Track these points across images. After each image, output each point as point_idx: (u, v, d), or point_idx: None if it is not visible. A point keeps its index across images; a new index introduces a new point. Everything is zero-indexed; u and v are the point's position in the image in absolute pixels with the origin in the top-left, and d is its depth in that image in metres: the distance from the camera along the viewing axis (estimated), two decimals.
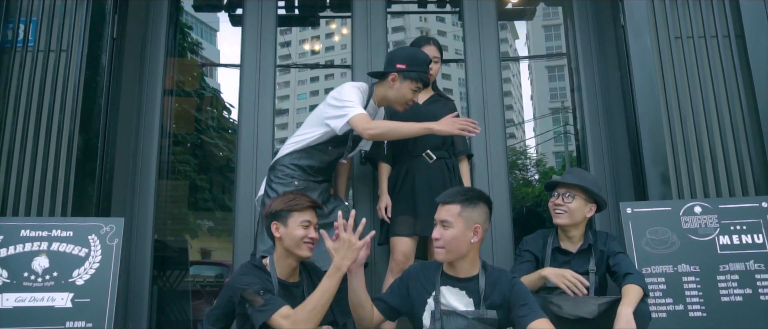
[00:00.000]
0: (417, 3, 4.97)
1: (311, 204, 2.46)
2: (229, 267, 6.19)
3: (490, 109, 3.54)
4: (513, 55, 6.75)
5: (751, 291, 2.60)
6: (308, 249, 2.41)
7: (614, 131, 3.29)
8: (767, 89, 2.91)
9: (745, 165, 2.90)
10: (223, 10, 4.88)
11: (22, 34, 3.08)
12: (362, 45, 3.66)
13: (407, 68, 2.81)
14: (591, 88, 3.46)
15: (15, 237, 2.63)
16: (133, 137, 3.33)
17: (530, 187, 8.31)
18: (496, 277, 2.32)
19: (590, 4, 3.57)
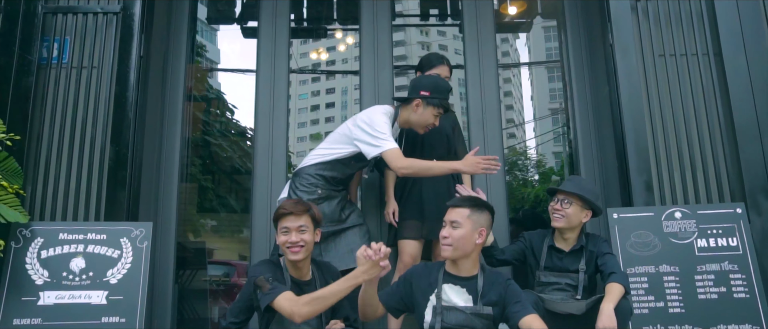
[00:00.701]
0: (420, 16, 5.19)
1: (287, 211, 2.59)
2: (235, 267, 6.43)
3: (488, 117, 3.75)
4: (514, 54, 6.94)
5: (725, 290, 2.81)
6: (291, 252, 2.56)
7: (604, 141, 3.50)
8: (743, 104, 3.10)
9: (722, 174, 3.09)
10: (235, 22, 5.10)
11: (57, 52, 3.28)
12: (369, 53, 3.88)
13: (430, 95, 3.01)
14: (583, 101, 3.66)
15: (54, 240, 2.84)
16: (157, 146, 3.54)
17: (530, 188, 8.44)
18: (494, 278, 2.54)
19: (582, 23, 3.77)
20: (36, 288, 2.75)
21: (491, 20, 3.94)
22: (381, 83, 3.82)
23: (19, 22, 3.22)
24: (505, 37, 6.43)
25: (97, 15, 3.31)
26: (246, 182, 8.95)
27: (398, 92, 3.92)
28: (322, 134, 18.17)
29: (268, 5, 3.95)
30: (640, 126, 3.16)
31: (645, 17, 3.33)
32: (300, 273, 2.66)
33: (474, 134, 3.70)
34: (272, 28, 3.95)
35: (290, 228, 2.58)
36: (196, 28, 4.08)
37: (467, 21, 3.94)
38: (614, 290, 2.55)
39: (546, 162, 8.85)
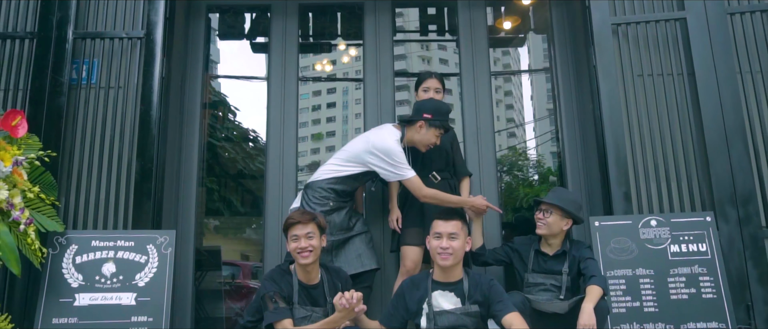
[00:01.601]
0: (419, 32, 5.43)
1: (296, 221, 2.87)
2: (240, 268, 6.67)
3: (481, 125, 3.99)
4: (514, 54, 7.12)
5: (695, 291, 3.03)
6: (302, 257, 2.84)
7: (588, 154, 3.73)
8: (713, 121, 3.32)
9: (693, 185, 3.32)
10: (245, 37, 5.34)
11: (86, 74, 3.53)
12: (372, 68, 4.13)
13: (433, 118, 3.27)
14: (570, 117, 3.90)
15: (87, 247, 3.09)
16: (176, 160, 3.78)
17: (529, 187, 8.61)
18: (477, 279, 2.81)
19: (569, 44, 4.00)
20: (72, 290, 3.00)
21: (485, 36, 4.16)
22: (383, 96, 4.07)
23: (51, 47, 3.45)
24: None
25: (122, 40, 3.55)
26: (251, 185, 9.20)
27: (399, 108, 4.17)
28: (324, 134, 18.49)
29: (279, 23, 4.19)
30: (620, 141, 3.39)
31: (625, 40, 3.56)
32: (309, 277, 2.91)
33: (468, 139, 3.95)
34: (282, 45, 4.19)
35: (299, 236, 2.84)
36: (210, 47, 4.31)
37: (463, 36, 4.17)
38: (594, 291, 2.80)
39: (545, 162, 9.06)
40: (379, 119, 3.98)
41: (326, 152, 7.21)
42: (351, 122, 4.99)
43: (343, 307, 2.66)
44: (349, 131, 4.94)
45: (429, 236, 2.91)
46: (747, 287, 3.09)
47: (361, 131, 4.14)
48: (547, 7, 4.22)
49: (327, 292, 2.93)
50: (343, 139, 5.01)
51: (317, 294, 2.92)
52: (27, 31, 3.54)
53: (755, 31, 3.46)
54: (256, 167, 8.96)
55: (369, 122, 4.01)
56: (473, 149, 3.94)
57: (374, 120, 3.99)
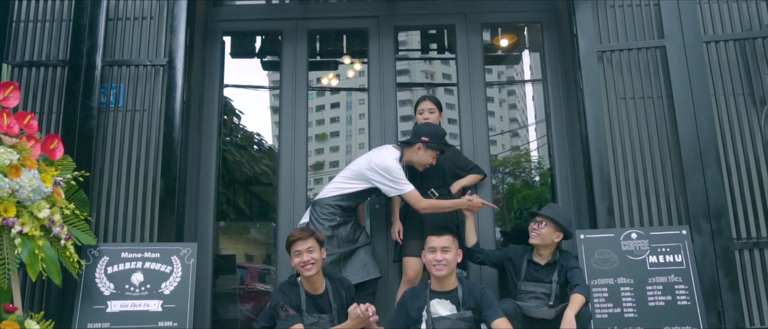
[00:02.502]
0: (420, 50, 5.69)
1: (296, 238, 3.17)
2: (248, 270, 6.94)
3: (477, 134, 4.25)
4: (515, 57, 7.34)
5: (671, 298, 3.28)
6: (306, 270, 3.13)
7: (577, 173, 3.98)
8: (689, 141, 3.56)
9: (671, 200, 3.56)
10: (255, 56, 5.62)
11: (114, 98, 3.80)
12: (376, 79, 4.39)
13: (430, 141, 3.56)
14: (560, 137, 4.17)
15: (117, 258, 3.35)
16: (195, 175, 4.06)
17: (530, 189, 8.84)
18: (470, 287, 3.09)
19: (559, 67, 4.26)
20: (104, 297, 3.27)
21: (480, 55, 4.41)
22: (386, 115, 4.32)
23: (82, 74, 3.72)
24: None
25: (147, 67, 3.82)
26: (258, 191, 9.48)
27: (401, 123, 4.43)
28: (328, 135, 18.75)
29: (290, 45, 4.45)
30: (603, 159, 3.64)
31: (609, 65, 3.81)
32: (313, 287, 3.20)
33: (465, 145, 4.22)
34: (292, 64, 4.45)
35: (301, 251, 3.13)
36: (224, 68, 4.56)
37: (460, 56, 4.43)
38: (576, 299, 3.06)
39: (545, 164, 9.33)
40: (382, 135, 4.25)
41: (330, 167, 7.49)
42: (355, 137, 5.25)
43: (356, 316, 2.95)
44: (353, 147, 5.20)
45: (424, 251, 3.19)
46: (718, 294, 3.34)
47: (365, 146, 4.43)
48: (539, 31, 4.47)
49: (332, 300, 3.21)
50: (346, 149, 5.27)
51: (323, 302, 3.21)
52: (59, 59, 3.80)
53: (728, 58, 3.71)
54: (263, 173, 9.25)
55: (374, 136, 4.28)
56: (470, 153, 4.19)
57: (378, 133, 4.28)
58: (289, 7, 4.55)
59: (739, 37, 3.73)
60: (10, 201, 2.84)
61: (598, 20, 3.84)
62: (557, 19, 4.33)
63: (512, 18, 4.67)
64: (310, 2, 4.56)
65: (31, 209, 2.92)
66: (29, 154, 3.02)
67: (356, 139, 4.93)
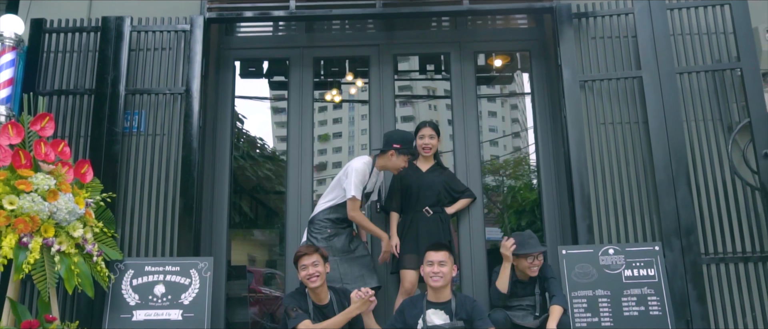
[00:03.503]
0: (418, 71, 6.00)
1: (302, 253, 3.51)
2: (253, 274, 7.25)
3: (469, 149, 4.54)
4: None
5: (644, 309, 3.57)
6: (311, 282, 3.47)
7: (561, 193, 4.28)
8: (662, 164, 3.84)
9: (645, 219, 3.86)
10: (263, 77, 5.94)
11: (136, 123, 4.12)
12: (376, 98, 4.69)
13: (401, 147, 3.89)
14: (547, 160, 4.45)
15: (141, 272, 3.66)
16: (209, 191, 4.37)
17: (530, 192, 9.08)
18: (463, 300, 3.41)
19: (546, 94, 4.57)
20: (130, 307, 3.58)
21: (473, 81, 4.69)
22: (386, 127, 4.63)
23: (107, 102, 4.04)
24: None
25: (166, 95, 4.13)
26: (263, 199, 9.79)
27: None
28: (330, 135, 19.09)
29: (296, 71, 4.75)
30: (584, 180, 3.93)
31: (591, 93, 4.11)
32: (319, 297, 3.52)
33: (459, 165, 4.51)
34: (299, 87, 4.75)
35: (307, 265, 3.46)
36: (235, 92, 4.87)
37: (454, 82, 4.71)
38: (556, 311, 3.38)
39: (534, 183, 9.57)
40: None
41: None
42: (357, 153, 5.56)
43: (359, 299, 3.32)
44: None
45: (423, 265, 3.50)
46: (687, 305, 3.63)
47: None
48: (528, 58, 4.78)
49: (336, 310, 3.53)
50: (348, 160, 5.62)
51: (328, 310, 3.54)
52: (86, 88, 4.12)
53: (699, 88, 4.01)
54: (266, 177, 9.55)
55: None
56: (462, 173, 4.48)
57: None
58: (295, 36, 4.86)
59: (709, 69, 4.02)
60: (49, 223, 3.16)
61: (581, 52, 4.14)
62: (544, 47, 4.63)
63: (503, 47, 4.99)
64: (316, 32, 4.87)
65: (67, 229, 3.24)
66: (64, 179, 3.34)
67: (359, 110, 5.17)
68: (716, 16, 4.09)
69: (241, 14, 4.38)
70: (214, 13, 4.32)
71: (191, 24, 4.19)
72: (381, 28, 4.80)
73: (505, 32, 4.87)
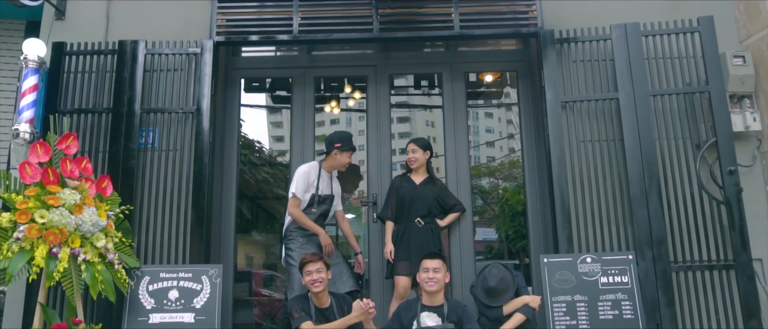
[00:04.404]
0: (413, 86, 6.29)
1: (308, 260, 3.79)
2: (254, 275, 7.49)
3: (459, 157, 4.85)
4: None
5: (618, 312, 3.88)
6: (315, 287, 3.75)
7: (545, 205, 4.58)
8: (636, 178, 4.14)
9: (620, 231, 4.16)
10: (266, 91, 6.23)
11: (151, 139, 4.41)
12: (373, 111, 4.99)
13: (342, 146, 4.27)
14: (532, 175, 4.76)
15: (156, 278, 3.95)
16: (218, 203, 4.67)
17: (519, 195, 9.35)
18: (454, 305, 3.70)
19: (532, 113, 4.87)
20: (146, 311, 3.86)
21: (463, 99, 5.00)
22: (382, 152, 4.93)
23: (123, 119, 4.33)
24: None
25: (178, 113, 4.42)
26: (265, 204, 10.00)
27: (395, 157, 5.03)
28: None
29: (299, 89, 5.05)
30: (565, 194, 4.23)
31: (571, 113, 4.41)
32: (320, 301, 3.81)
33: (450, 178, 4.81)
34: (301, 102, 5.05)
35: (312, 271, 3.75)
36: (241, 110, 5.16)
37: (446, 100, 5.03)
38: (515, 318, 3.74)
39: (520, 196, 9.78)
40: (379, 167, 4.86)
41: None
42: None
43: (360, 309, 3.61)
44: None
45: (419, 272, 3.80)
46: (658, 309, 3.94)
47: (363, 172, 5.04)
48: (515, 77, 5.09)
49: (336, 313, 3.82)
50: None
51: (329, 313, 3.83)
52: (104, 107, 4.41)
53: (671, 109, 4.32)
54: (265, 180, 9.76)
55: (371, 165, 4.89)
56: (453, 185, 4.79)
57: (375, 163, 4.89)
58: (298, 57, 5.16)
59: (680, 91, 4.33)
60: (76, 234, 3.45)
61: (563, 75, 4.44)
62: (530, 68, 4.94)
63: (491, 67, 5.30)
64: (317, 53, 5.17)
65: (91, 240, 3.53)
66: (88, 193, 3.63)
67: (355, 158, 5.44)
68: (687, 43, 4.40)
69: (247, 38, 4.67)
70: (222, 37, 4.61)
71: (201, 47, 4.48)
72: (378, 50, 5.10)
73: (493, 54, 5.18)
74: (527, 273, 4.77)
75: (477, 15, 4.60)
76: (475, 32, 4.63)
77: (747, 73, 4.41)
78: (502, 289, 3.87)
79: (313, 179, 4.26)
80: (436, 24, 4.64)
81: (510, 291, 3.88)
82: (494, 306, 3.85)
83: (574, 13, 4.68)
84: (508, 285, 3.89)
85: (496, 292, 3.86)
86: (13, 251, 3.24)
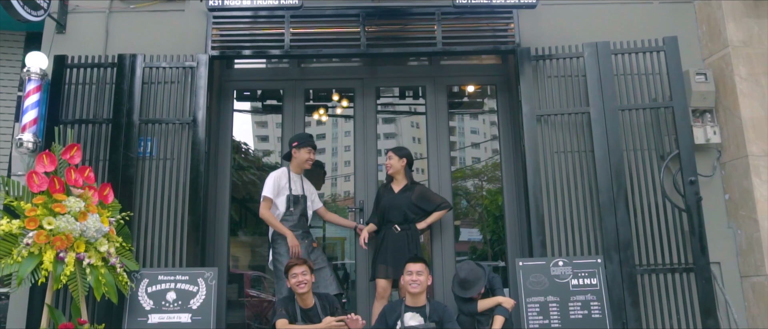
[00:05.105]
0: (398, 97, 6.54)
1: (293, 264, 4.01)
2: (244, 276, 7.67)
3: (441, 165, 5.10)
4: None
5: (587, 312, 4.15)
6: (300, 288, 3.97)
7: (521, 212, 4.84)
8: (605, 186, 4.41)
9: (590, 236, 4.43)
10: (257, 100, 6.43)
11: (149, 148, 4.61)
12: (360, 122, 5.23)
13: (299, 144, 4.51)
14: (510, 184, 5.02)
15: (155, 280, 4.15)
16: (213, 208, 4.88)
17: (500, 195, 9.61)
18: (436, 306, 3.96)
19: (509, 125, 5.14)
20: (145, 312, 4.07)
21: (445, 110, 5.25)
22: (368, 161, 5.17)
23: (123, 130, 4.53)
24: None
25: (175, 124, 4.63)
26: (250, 205, 10.17)
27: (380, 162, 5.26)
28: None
29: (289, 99, 5.28)
30: (539, 201, 4.50)
31: (546, 125, 4.68)
32: (305, 302, 4.05)
33: (433, 182, 5.06)
34: (292, 113, 5.27)
35: (297, 273, 3.98)
36: (233, 119, 5.37)
37: (429, 111, 5.29)
38: (497, 321, 3.99)
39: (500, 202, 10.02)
40: (365, 174, 5.10)
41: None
42: (340, 169, 6.10)
43: (327, 322, 3.82)
44: (339, 181, 6.06)
45: (403, 275, 4.05)
46: (624, 309, 4.22)
47: (350, 177, 5.28)
48: (494, 91, 5.37)
49: (319, 312, 4.05)
50: (332, 181, 6.14)
51: (312, 314, 4.06)
52: (104, 117, 4.60)
53: (637, 122, 4.62)
54: (251, 182, 9.93)
55: (358, 173, 5.14)
56: (435, 179, 5.05)
57: (362, 170, 5.13)
58: (289, 70, 5.39)
59: (646, 106, 4.62)
60: (81, 240, 3.65)
61: (538, 90, 4.72)
62: (508, 82, 5.21)
63: (472, 80, 5.56)
64: (306, 66, 5.40)
65: (95, 245, 3.74)
66: (91, 201, 3.84)
67: (342, 170, 5.54)
68: (653, 61, 4.70)
69: (240, 52, 4.90)
70: (217, 51, 4.82)
71: (197, 62, 4.69)
72: (365, 64, 5.34)
73: (474, 68, 5.45)
74: (505, 275, 5.03)
75: (458, 33, 4.85)
76: (457, 49, 4.89)
77: (708, 90, 4.72)
78: (473, 279, 4.15)
79: (285, 182, 4.48)
80: (420, 40, 4.89)
81: (481, 281, 4.17)
82: (467, 298, 4.14)
83: (549, 32, 4.95)
84: (479, 276, 4.18)
85: (468, 283, 4.15)
86: (23, 256, 3.44)
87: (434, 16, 4.84)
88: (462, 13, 4.81)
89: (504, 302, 4.09)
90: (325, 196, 5.81)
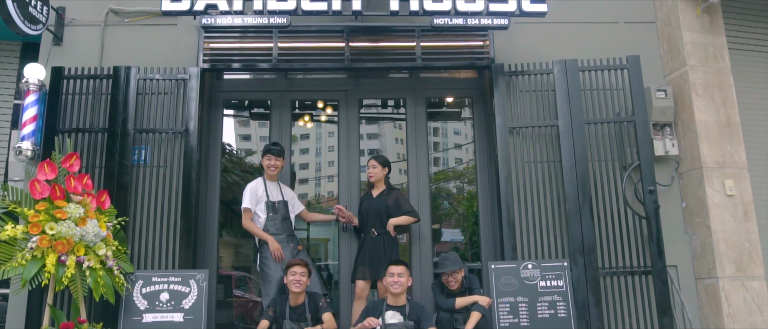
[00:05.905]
0: (380, 106, 6.78)
1: (293, 264, 4.28)
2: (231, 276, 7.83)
3: (420, 172, 5.36)
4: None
5: (553, 312, 4.44)
6: (295, 286, 4.23)
7: (494, 218, 5.13)
8: (571, 194, 4.72)
9: (558, 241, 4.74)
10: (245, 110, 6.64)
11: (143, 156, 4.82)
12: (344, 131, 5.47)
13: (262, 154, 4.79)
14: (485, 193, 5.30)
15: (149, 282, 4.37)
16: (203, 213, 5.10)
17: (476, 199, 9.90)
18: (414, 305, 4.24)
19: (484, 135, 5.42)
20: (140, 312, 4.29)
21: (424, 121, 5.52)
22: (352, 168, 5.43)
23: (118, 138, 4.74)
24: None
25: (167, 133, 4.85)
26: (235, 206, 10.31)
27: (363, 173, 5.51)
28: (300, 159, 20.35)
29: (277, 109, 5.51)
30: (510, 207, 4.78)
31: (518, 137, 4.98)
32: (296, 301, 4.29)
33: (412, 191, 5.31)
34: (279, 122, 5.51)
35: (296, 272, 4.22)
36: (222, 127, 5.59)
37: (409, 122, 5.55)
38: (473, 317, 4.25)
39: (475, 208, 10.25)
40: (349, 182, 5.35)
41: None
42: (324, 170, 6.34)
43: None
44: (322, 182, 6.28)
45: (385, 276, 4.31)
46: (588, 309, 4.52)
47: (334, 180, 5.52)
48: (471, 103, 5.66)
49: (307, 310, 4.30)
50: (316, 183, 6.39)
51: (300, 311, 4.31)
52: (100, 127, 4.81)
53: (602, 135, 4.94)
54: (235, 183, 10.09)
55: (342, 179, 5.38)
56: (414, 198, 5.30)
57: (346, 179, 5.38)
58: (276, 82, 5.62)
59: (610, 120, 4.95)
60: (80, 244, 3.86)
61: (511, 103, 5.01)
62: (484, 95, 5.50)
63: (450, 93, 5.84)
64: (293, 78, 5.65)
65: (93, 248, 3.95)
66: (90, 207, 4.05)
67: (326, 171, 5.74)
68: (617, 78, 5.02)
69: (230, 65, 5.13)
70: (207, 64, 5.04)
71: (189, 74, 4.91)
72: (349, 77, 5.59)
73: (452, 82, 5.73)
74: (480, 276, 5.31)
75: (437, 49, 5.13)
76: (436, 64, 5.17)
77: (668, 105, 5.05)
78: (452, 258, 4.52)
79: (261, 192, 4.72)
80: (401, 56, 5.16)
81: (457, 262, 4.49)
82: (446, 295, 4.45)
83: (522, 49, 5.26)
84: (457, 258, 4.53)
85: (447, 259, 4.52)
86: (27, 259, 3.65)
87: (414, 33, 5.12)
88: (440, 31, 5.08)
89: (481, 300, 4.35)
90: (309, 196, 6.03)
